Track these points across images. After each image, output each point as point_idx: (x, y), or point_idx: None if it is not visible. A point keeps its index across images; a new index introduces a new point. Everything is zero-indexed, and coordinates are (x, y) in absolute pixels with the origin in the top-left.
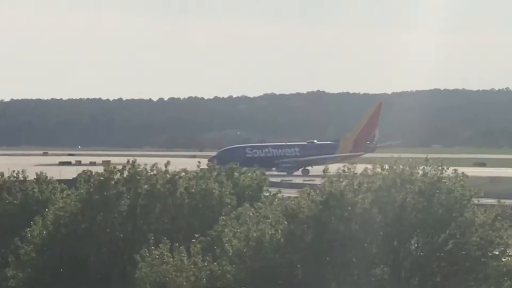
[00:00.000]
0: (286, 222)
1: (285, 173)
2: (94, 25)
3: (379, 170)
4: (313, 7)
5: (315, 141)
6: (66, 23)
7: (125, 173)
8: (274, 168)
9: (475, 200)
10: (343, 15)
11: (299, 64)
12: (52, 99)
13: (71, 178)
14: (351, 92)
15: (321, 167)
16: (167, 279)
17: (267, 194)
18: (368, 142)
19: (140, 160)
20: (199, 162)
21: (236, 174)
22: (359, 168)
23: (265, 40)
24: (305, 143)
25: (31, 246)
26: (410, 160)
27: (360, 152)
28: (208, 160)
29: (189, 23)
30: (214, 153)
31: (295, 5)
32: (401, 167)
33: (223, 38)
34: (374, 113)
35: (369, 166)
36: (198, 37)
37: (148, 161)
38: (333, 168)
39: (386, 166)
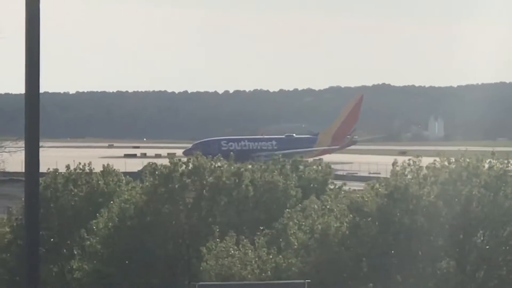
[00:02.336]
0: (351, 215)
1: None
2: (160, 18)
3: (445, 163)
4: (378, 0)
5: (294, 134)
6: (131, 16)
7: (190, 165)
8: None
9: None
10: (409, 7)
11: (365, 56)
12: (118, 92)
13: (136, 171)
14: (417, 85)
15: None
16: (232, 271)
17: (332, 187)
18: (348, 136)
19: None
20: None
21: (301, 167)
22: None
23: (330, 33)
24: (283, 136)
25: (97, 238)
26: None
27: (337, 146)
28: (183, 153)
29: (255, 17)
30: None
31: None
32: (467, 160)
33: (288, 31)
34: (355, 106)
35: (437, 159)
36: (264, 30)
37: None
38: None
39: (453, 159)
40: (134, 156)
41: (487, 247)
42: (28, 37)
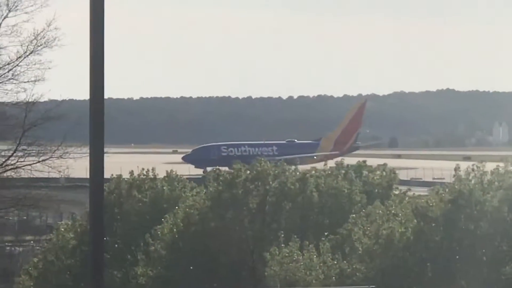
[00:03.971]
0: (415, 220)
1: None
2: (223, 23)
3: (510, 168)
4: (442, 5)
5: (295, 140)
6: (195, 22)
7: (254, 171)
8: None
9: None
10: (473, 11)
11: (428, 61)
12: (181, 97)
13: (200, 176)
14: (481, 90)
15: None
16: (296, 277)
17: (396, 192)
18: (352, 143)
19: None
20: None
21: (365, 172)
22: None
23: (393, 38)
24: (284, 142)
25: (161, 243)
26: None
27: (339, 152)
28: (182, 158)
29: (319, 22)
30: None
31: (423, 3)
32: None
33: (352, 36)
34: (357, 112)
35: (501, 165)
36: (328, 36)
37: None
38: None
39: None
40: None
41: None
42: (92, 44)
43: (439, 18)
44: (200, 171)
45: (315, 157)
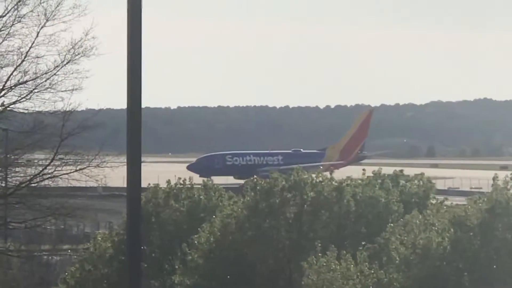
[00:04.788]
0: (452, 230)
1: None
2: (259, 33)
3: None
4: (480, 14)
5: (301, 149)
6: (232, 31)
7: (291, 180)
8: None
9: None
10: (510, 21)
11: (466, 71)
12: (219, 106)
13: (237, 185)
14: None
15: None
16: (333, 286)
17: (433, 201)
18: (359, 152)
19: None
20: (363, 169)
21: (402, 181)
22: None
23: (430, 47)
24: (290, 151)
25: (198, 252)
26: None
27: (344, 161)
28: (187, 168)
29: (356, 31)
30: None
31: (461, 12)
32: None
33: (390, 46)
34: (364, 122)
35: None
36: (364, 46)
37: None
38: None
39: None
40: None
41: None
42: (129, 53)
43: (477, 28)
44: (236, 181)
45: (321, 167)
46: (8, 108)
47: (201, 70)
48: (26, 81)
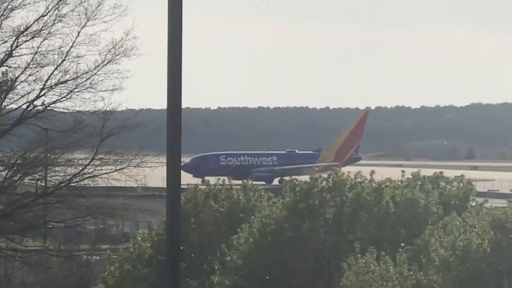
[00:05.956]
0: (492, 232)
1: (263, 183)
2: (300, 34)
3: None
4: None
5: (296, 150)
6: (270, 33)
7: (330, 181)
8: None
9: None
10: None
11: (506, 73)
12: (259, 107)
13: (276, 186)
14: None
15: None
16: (372, 287)
17: (473, 203)
18: (354, 153)
19: (343, 169)
20: (403, 171)
21: (441, 183)
22: None
23: (469, 48)
24: (284, 152)
25: (237, 253)
26: None
27: (338, 162)
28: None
29: (396, 34)
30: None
31: (498, 13)
32: None
33: (429, 47)
34: (359, 123)
35: None
36: (404, 47)
37: (352, 169)
38: None
39: None
40: None
41: None
42: (170, 53)
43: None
44: (273, 181)
45: (316, 168)
46: (48, 108)
47: (242, 70)
48: (67, 81)
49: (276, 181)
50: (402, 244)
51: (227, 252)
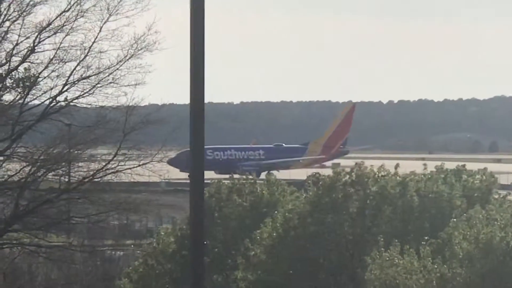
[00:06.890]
0: None
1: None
2: (323, 27)
3: None
4: None
5: (283, 144)
6: (296, 26)
7: (353, 175)
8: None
9: None
10: None
11: None
12: (282, 102)
13: (300, 180)
14: None
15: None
16: (396, 281)
17: (496, 196)
18: (341, 147)
19: (367, 162)
20: (425, 164)
21: (464, 176)
22: None
23: (494, 42)
24: (271, 146)
25: (261, 248)
26: None
27: (325, 156)
28: (167, 162)
29: (418, 27)
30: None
31: None
32: None
33: (452, 40)
34: (346, 116)
35: None
36: (427, 40)
37: (375, 163)
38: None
39: None
40: None
41: None
42: (192, 48)
43: None
44: (300, 176)
45: (300, 161)
46: (71, 103)
47: (264, 64)
48: (89, 76)
49: (263, 175)
50: (426, 238)
51: (251, 247)
